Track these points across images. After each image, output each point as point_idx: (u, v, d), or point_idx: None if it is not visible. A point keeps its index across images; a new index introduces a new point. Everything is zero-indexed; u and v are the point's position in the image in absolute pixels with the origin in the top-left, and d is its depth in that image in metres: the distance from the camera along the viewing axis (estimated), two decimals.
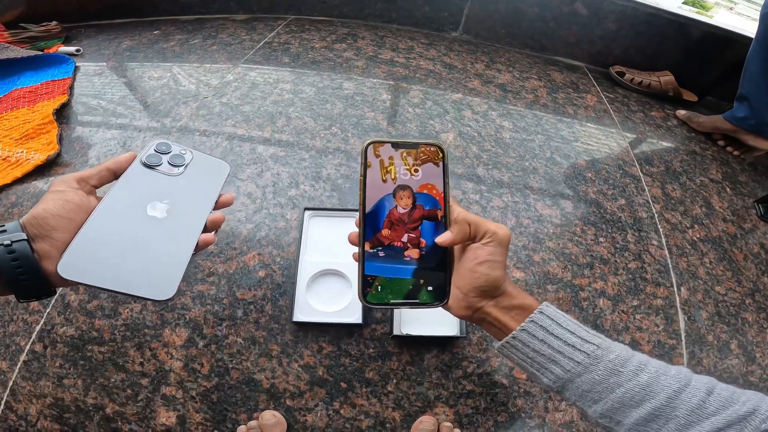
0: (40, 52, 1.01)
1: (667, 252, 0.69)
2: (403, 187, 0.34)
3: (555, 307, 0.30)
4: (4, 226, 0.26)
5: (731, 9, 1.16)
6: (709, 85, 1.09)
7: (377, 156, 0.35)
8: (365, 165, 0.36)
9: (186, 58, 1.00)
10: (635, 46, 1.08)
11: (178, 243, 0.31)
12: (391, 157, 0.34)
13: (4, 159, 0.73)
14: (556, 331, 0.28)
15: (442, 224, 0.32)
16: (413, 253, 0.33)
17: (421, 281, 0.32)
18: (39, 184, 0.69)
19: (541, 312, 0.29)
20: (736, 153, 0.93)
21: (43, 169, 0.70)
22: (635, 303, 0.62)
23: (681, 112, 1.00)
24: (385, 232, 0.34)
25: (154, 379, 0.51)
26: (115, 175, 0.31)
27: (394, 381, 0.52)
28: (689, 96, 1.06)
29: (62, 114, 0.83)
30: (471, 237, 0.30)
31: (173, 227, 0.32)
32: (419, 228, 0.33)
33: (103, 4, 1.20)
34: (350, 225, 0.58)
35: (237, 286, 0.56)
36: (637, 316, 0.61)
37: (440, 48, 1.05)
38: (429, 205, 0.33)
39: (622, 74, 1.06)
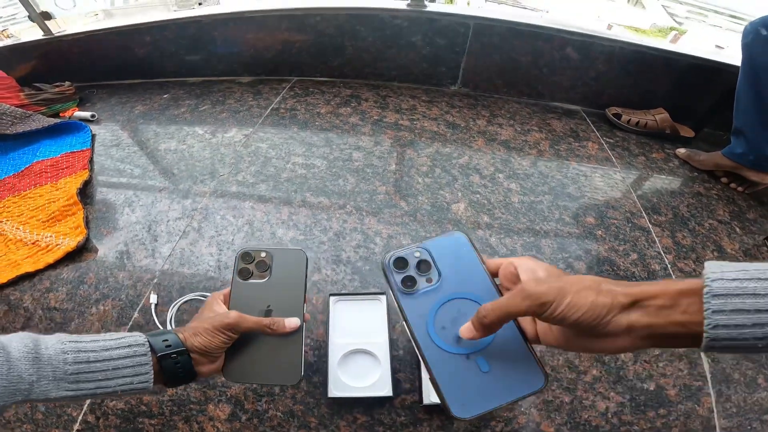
0: (58, 120, 1.06)
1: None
2: None
3: (719, 264, 0.22)
4: (172, 347, 0.35)
5: (705, 18, 1.19)
6: (704, 117, 1.12)
7: None
8: None
9: (198, 126, 1.05)
10: (628, 85, 1.12)
11: (290, 340, 0.38)
12: None
13: (34, 243, 0.76)
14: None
15: None
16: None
17: None
18: (71, 270, 0.72)
19: (713, 280, 0.21)
20: (740, 189, 0.93)
21: (74, 255, 0.73)
22: (657, 352, 0.63)
23: (681, 151, 1.02)
24: None
25: None
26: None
27: None
28: (686, 132, 1.09)
29: (85, 192, 0.86)
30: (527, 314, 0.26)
31: None
32: None
33: (113, 63, 1.27)
34: (372, 306, 0.61)
35: None
36: (660, 364, 0.62)
37: (441, 105, 1.09)
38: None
39: (618, 116, 1.09)
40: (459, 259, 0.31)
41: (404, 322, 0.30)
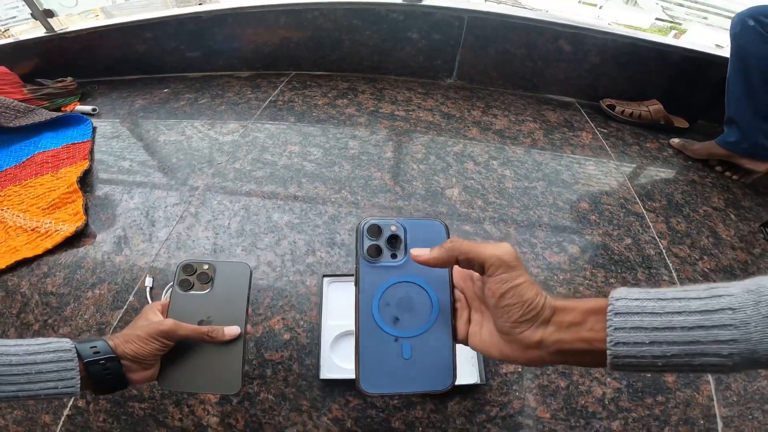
0: (60, 113, 1.07)
1: (679, 286, 0.70)
2: None
3: (627, 289, 0.23)
4: (100, 353, 0.35)
5: (705, 19, 1.19)
6: (698, 109, 1.13)
7: None
8: None
9: (197, 118, 1.06)
10: (622, 77, 1.13)
11: (229, 349, 0.39)
12: None
13: (33, 229, 0.77)
14: (670, 305, 0.21)
15: None
16: None
17: None
18: (69, 255, 0.72)
19: (617, 299, 0.22)
20: (735, 177, 0.94)
21: (73, 240, 0.74)
22: None
23: (675, 141, 1.02)
24: None
25: None
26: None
27: (420, 429, 0.53)
28: (680, 123, 1.09)
29: (85, 181, 0.87)
30: (464, 265, 0.27)
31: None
32: None
33: (114, 59, 1.29)
34: None
35: (264, 348, 0.58)
36: None
37: (437, 97, 1.11)
38: None
39: (612, 107, 1.10)
40: (430, 246, 0.30)
41: (354, 285, 0.30)
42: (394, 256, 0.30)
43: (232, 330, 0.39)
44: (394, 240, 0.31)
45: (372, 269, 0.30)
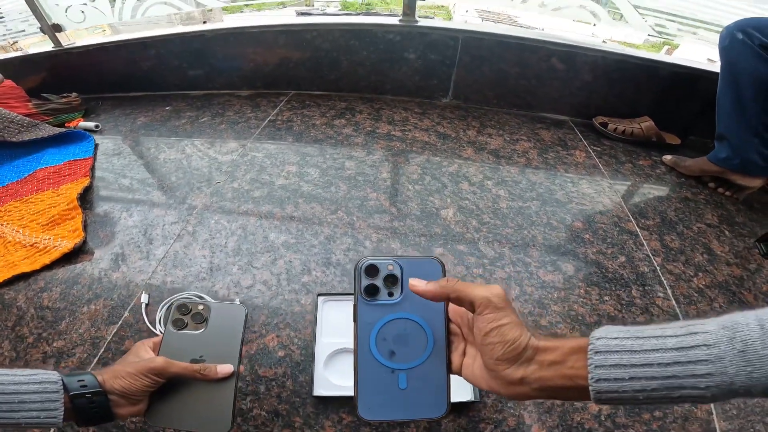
0: (63, 129, 1.09)
1: (674, 302, 0.70)
2: None
3: (607, 328, 0.25)
4: (87, 387, 0.35)
5: (694, 34, 1.19)
6: (689, 125, 1.14)
7: None
8: None
9: (197, 137, 1.08)
10: (613, 94, 1.15)
11: (221, 388, 0.39)
12: None
13: (32, 245, 0.78)
14: (647, 342, 0.23)
15: None
16: None
17: None
18: (67, 270, 0.73)
19: (597, 339, 0.24)
20: (728, 194, 0.94)
21: (71, 257, 0.75)
22: None
23: (667, 158, 1.04)
24: None
25: None
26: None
27: None
28: (672, 139, 1.11)
29: (86, 198, 0.88)
30: (456, 302, 0.29)
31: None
32: None
33: (119, 76, 1.32)
34: None
35: (258, 365, 0.58)
36: None
37: (433, 117, 1.13)
38: None
39: (605, 125, 1.12)
40: None
41: (353, 321, 0.32)
42: (390, 294, 0.32)
43: (225, 368, 0.39)
44: (391, 279, 0.32)
45: (370, 307, 0.32)
